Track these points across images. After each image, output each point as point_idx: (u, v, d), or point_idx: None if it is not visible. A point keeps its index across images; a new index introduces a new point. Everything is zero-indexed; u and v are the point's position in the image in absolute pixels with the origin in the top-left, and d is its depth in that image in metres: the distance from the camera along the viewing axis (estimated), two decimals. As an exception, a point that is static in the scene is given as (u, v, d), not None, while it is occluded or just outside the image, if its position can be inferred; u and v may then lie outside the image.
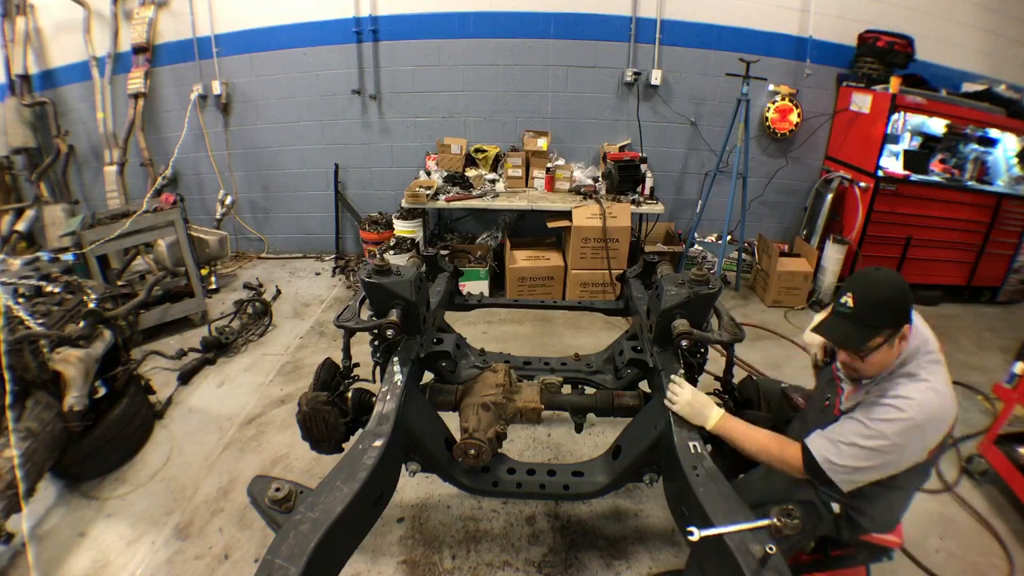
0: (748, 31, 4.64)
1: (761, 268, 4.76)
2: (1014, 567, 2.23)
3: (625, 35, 4.63)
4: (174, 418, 3.06)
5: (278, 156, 5.16)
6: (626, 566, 2.19)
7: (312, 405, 1.79)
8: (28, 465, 2.11)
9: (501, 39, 4.67)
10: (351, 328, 1.91)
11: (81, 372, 2.37)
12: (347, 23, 4.61)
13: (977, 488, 2.65)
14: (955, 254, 4.64)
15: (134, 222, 3.59)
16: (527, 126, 4.90)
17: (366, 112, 4.94)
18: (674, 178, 5.15)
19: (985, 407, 3.27)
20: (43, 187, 4.77)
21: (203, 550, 2.23)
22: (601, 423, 2.97)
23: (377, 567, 2.18)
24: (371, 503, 1.48)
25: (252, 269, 5.23)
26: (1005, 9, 4.82)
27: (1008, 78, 4.82)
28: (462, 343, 2.39)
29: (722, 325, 1.99)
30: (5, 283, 2.57)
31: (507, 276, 4.46)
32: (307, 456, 2.69)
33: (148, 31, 4.70)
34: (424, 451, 1.76)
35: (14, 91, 4.79)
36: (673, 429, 1.62)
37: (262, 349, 3.78)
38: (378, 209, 5.09)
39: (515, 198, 4.45)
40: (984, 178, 4.63)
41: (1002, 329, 4.34)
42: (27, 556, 2.15)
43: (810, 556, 1.79)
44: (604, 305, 2.79)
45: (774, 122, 4.85)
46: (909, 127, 4.68)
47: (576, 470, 1.90)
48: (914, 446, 1.43)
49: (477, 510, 2.46)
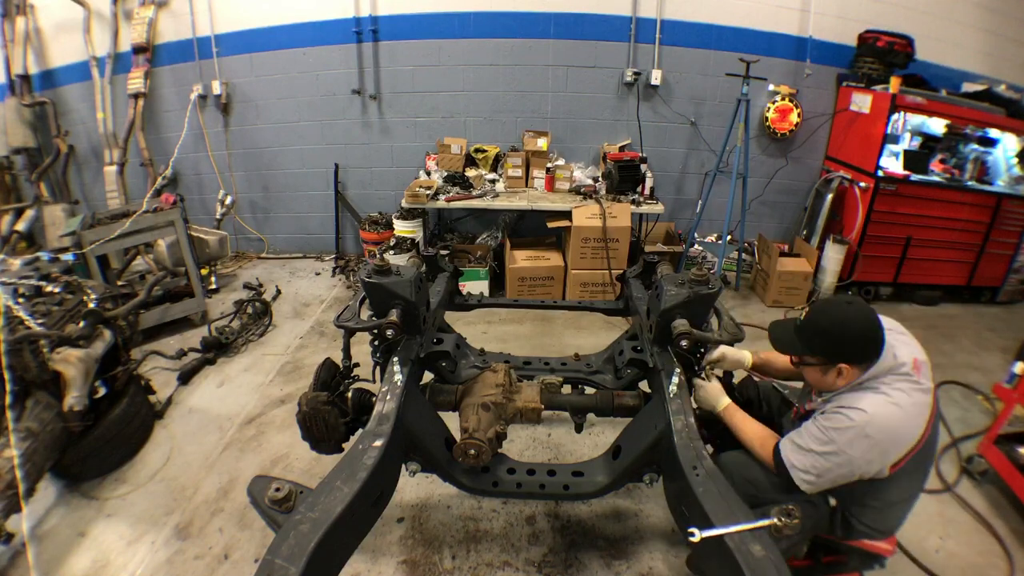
0: (748, 31, 4.64)
1: (761, 268, 4.76)
2: (1014, 567, 2.23)
3: (625, 35, 4.63)
4: (174, 418, 3.06)
5: (278, 156, 5.16)
6: (626, 566, 2.19)
7: (312, 405, 1.79)
8: (28, 465, 2.11)
9: (501, 39, 4.67)
10: (351, 328, 1.91)
11: (81, 372, 2.36)
12: (347, 23, 4.61)
13: (977, 488, 2.65)
14: (955, 254, 4.64)
15: (134, 222, 3.59)
16: (527, 126, 4.90)
17: (366, 112, 4.94)
18: (674, 178, 5.15)
19: (985, 407, 3.27)
20: (43, 187, 4.78)
21: (203, 550, 2.23)
22: (601, 423, 2.97)
23: (377, 567, 2.18)
24: (371, 503, 1.48)
25: (252, 269, 5.23)
26: (1005, 9, 4.82)
27: (1008, 78, 4.82)
28: (462, 343, 2.39)
29: (722, 325, 1.99)
30: (5, 283, 2.57)
31: (507, 276, 4.46)
32: (307, 456, 2.69)
33: (148, 31, 4.70)
34: (424, 451, 1.76)
35: (14, 91, 4.79)
36: (673, 429, 1.62)
37: (262, 349, 3.79)
38: (378, 209, 5.09)
39: (515, 198, 4.45)
40: (984, 178, 4.63)
41: (1002, 329, 4.34)
42: (27, 556, 2.15)
43: (802, 562, 1.79)
44: (604, 305, 2.79)
45: (774, 122, 4.85)
46: (909, 127, 4.68)
47: (576, 470, 1.90)
48: (865, 455, 1.46)
49: (477, 510, 2.46)
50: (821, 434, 1.50)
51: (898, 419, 1.45)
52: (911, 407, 1.47)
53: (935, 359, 4.09)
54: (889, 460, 1.48)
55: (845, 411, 1.48)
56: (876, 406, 1.45)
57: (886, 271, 4.64)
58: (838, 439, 1.46)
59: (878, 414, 1.44)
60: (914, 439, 1.48)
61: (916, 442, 1.48)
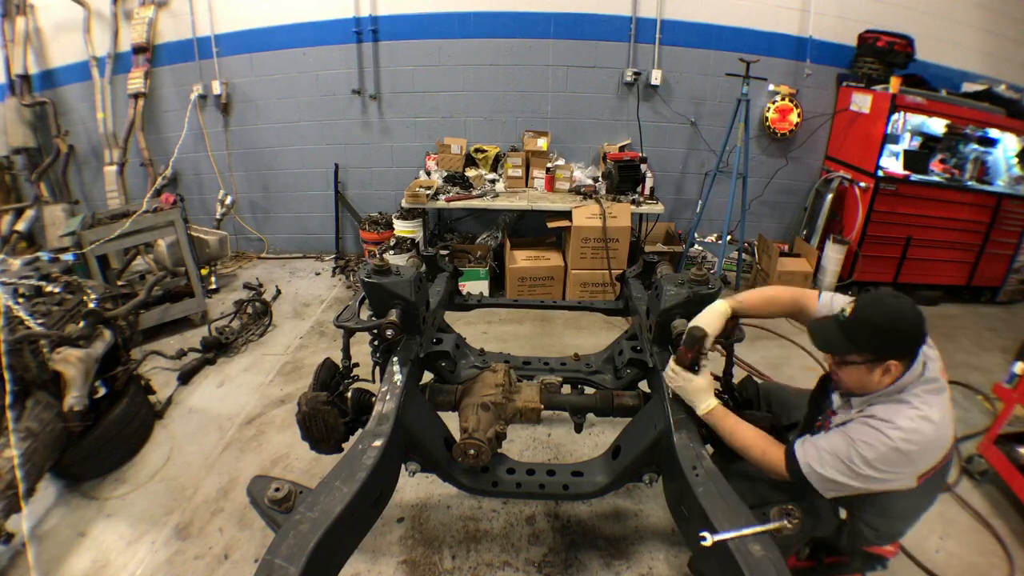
0: (748, 31, 4.64)
1: (761, 268, 4.76)
2: (1014, 567, 2.23)
3: (625, 35, 4.63)
4: (174, 418, 3.06)
5: (278, 156, 5.16)
6: (626, 566, 2.19)
7: (312, 405, 1.79)
8: (28, 465, 2.11)
9: (501, 39, 4.67)
10: (351, 328, 1.90)
11: (81, 372, 2.37)
12: (347, 23, 4.61)
13: (977, 488, 2.65)
14: (955, 254, 4.63)
15: (134, 222, 3.59)
16: (527, 126, 4.90)
17: (366, 112, 4.94)
18: (674, 178, 5.15)
19: (985, 407, 3.27)
20: (43, 187, 4.78)
21: (203, 550, 2.23)
22: (601, 423, 2.97)
23: (377, 567, 2.18)
24: (371, 503, 1.48)
25: (252, 269, 5.23)
26: (1005, 9, 4.82)
27: (1008, 78, 4.82)
28: (462, 343, 2.39)
29: (722, 325, 1.99)
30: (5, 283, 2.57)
31: (507, 276, 4.46)
32: (307, 456, 2.69)
33: (148, 31, 4.70)
34: (424, 451, 1.76)
35: (14, 91, 4.79)
36: (673, 429, 1.62)
37: (262, 349, 3.79)
38: (378, 209, 5.09)
39: (515, 198, 4.45)
40: (984, 178, 4.63)
41: (1002, 329, 4.34)
42: (27, 556, 2.15)
43: (804, 563, 1.78)
44: (604, 305, 2.79)
45: (774, 122, 4.85)
46: (909, 127, 4.68)
47: (576, 470, 1.90)
48: (897, 471, 1.41)
49: (477, 510, 2.46)
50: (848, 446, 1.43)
51: (931, 434, 1.40)
52: (942, 420, 1.43)
53: (935, 359, 4.05)
54: (919, 474, 1.44)
55: (878, 425, 1.42)
56: (910, 421, 1.39)
57: (886, 271, 4.64)
58: (868, 454, 1.40)
59: (913, 429, 1.38)
60: (944, 451, 1.45)
61: (946, 453, 1.45)
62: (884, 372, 1.44)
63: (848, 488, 1.46)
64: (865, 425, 1.44)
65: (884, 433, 1.39)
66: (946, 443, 1.45)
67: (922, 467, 1.43)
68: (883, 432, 1.40)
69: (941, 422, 1.42)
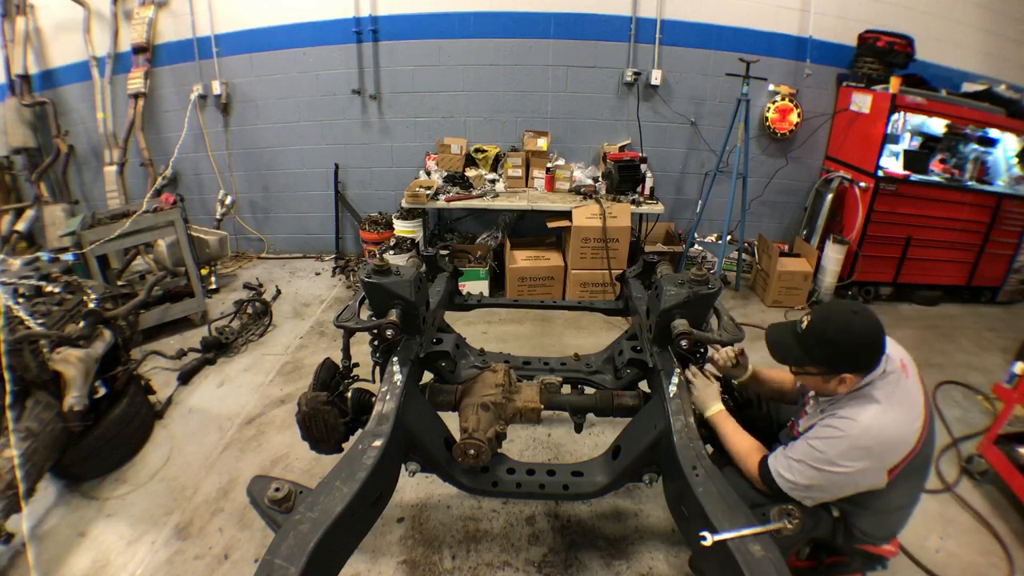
0: (748, 31, 4.64)
1: (761, 268, 4.76)
2: (1014, 567, 2.23)
3: (625, 35, 4.63)
4: (174, 418, 3.06)
5: (278, 156, 5.16)
6: (626, 566, 2.19)
7: (312, 405, 1.79)
8: (28, 465, 2.11)
9: (501, 39, 4.67)
10: (351, 328, 1.91)
11: (81, 372, 2.37)
12: (347, 23, 4.61)
13: (977, 488, 2.65)
14: (955, 254, 4.63)
15: (134, 222, 3.59)
16: (527, 126, 4.90)
17: (366, 112, 4.94)
18: (674, 178, 5.15)
19: (985, 407, 3.27)
20: (43, 187, 4.78)
21: (203, 550, 2.23)
22: (601, 423, 2.97)
23: (377, 567, 2.18)
24: (371, 503, 1.48)
25: (252, 269, 5.23)
26: (1005, 9, 4.82)
27: (1008, 78, 4.82)
28: (462, 343, 2.39)
29: (722, 325, 2.00)
30: (5, 283, 2.57)
31: (507, 276, 4.46)
32: (307, 456, 2.69)
33: (148, 31, 4.70)
34: (424, 451, 1.76)
35: (14, 91, 4.80)
36: (673, 429, 1.62)
37: (262, 349, 3.79)
38: (378, 209, 5.09)
39: (515, 198, 4.45)
40: (984, 178, 4.63)
41: (1002, 329, 4.34)
42: (27, 556, 2.15)
43: (804, 563, 1.78)
44: (604, 305, 2.79)
45: (774, 122, 4.85)
46: (909, 127, 4.68)
47: (576, 470, 1.90)
48: (860, 465, 1.44)
49: (477, 510, 2.46)
50: (811, 447, 1.48)
51: (893, 427, 1.44)
52: (904, 413, 1.47)
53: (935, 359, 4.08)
54: (887, 467, 1.46)
55: (835, 422, 1.47)
56: (870, 416, 1.43)
57: (886, 271, 4.64)
58: (829, 451, 1.44)
59: (872, 424, 1.42)
60: (910, 444, 1.47)
61: (913, 446, 1.47)
62: (839, 383, 1.50)
63: (820, 490, 1.50)
64: (827, 426, 1.49)
65: (843, 430, 1.45)
66: (911, 436, 1.47)
67: (889, 461, 1.46)
68: (842, 429, 1.45)
69: (903, 414, 1.46)
